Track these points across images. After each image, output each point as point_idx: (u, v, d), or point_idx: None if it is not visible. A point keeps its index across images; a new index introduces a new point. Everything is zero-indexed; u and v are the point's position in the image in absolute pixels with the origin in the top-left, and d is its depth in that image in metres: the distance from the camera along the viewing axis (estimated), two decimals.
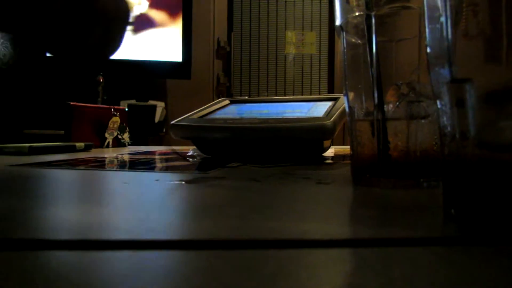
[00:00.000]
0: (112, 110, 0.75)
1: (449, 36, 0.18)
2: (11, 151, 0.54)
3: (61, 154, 0.55)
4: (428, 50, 0.20)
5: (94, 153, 0.59)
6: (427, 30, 0.20)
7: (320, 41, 2.43)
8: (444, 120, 0.19)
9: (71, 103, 0.69)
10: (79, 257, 0.13)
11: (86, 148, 0.62)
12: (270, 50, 2.42)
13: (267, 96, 2.29)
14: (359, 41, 0.31)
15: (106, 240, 0.14)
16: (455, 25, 0.18)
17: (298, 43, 2.43)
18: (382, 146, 0.28)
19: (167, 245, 0.14)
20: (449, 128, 0.18)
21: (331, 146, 0.72)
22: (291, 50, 2.43)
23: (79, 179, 0.31)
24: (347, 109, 0.32)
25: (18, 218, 0.17)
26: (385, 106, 0.29)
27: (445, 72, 0.19)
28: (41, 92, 1.99)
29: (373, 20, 0.29)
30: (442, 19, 0.19)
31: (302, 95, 2.33)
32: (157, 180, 0.29)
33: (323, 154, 0.57)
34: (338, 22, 0.31)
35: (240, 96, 2.23)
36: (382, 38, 0.29)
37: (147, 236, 0.14)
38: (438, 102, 0.19)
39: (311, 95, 2.27)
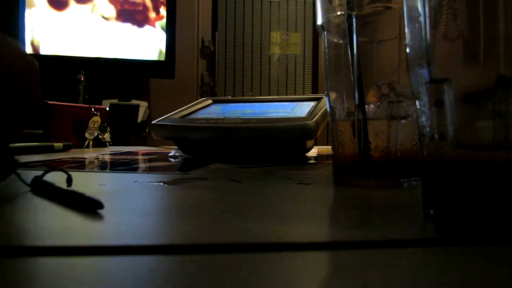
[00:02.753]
0: (92, 109, 0.74)
1: (428, 36, 0.18)
2: None
3: (39, 155, 0.53)
4: (408, 50, 0.20)
5: (73, 153, 0.58)
6: (406, 30, 0.20)
7: (304, 42, 2.44)
8: (423, 120, 0.19)
9: (49, 102, 0.68)
10: (39, 265, 0.12)
11: (65, 149, 0.60)
12: (254, 50, 2.42)
13: (251, 96, 2.29)
14: (340, 41, 0.31)
15: (73, 246, 0.13)
16: (434, 26, 0.18)
17: (283, 44, 2.43)
18: (363, 146, 0.28)
19: (138, 250, 0.13)
20: (427, 129, 0.18)
21: (315, 146, 0.72)
22: (275, 51, 2.43)
23: (52, 181, 0.30)
24: (328, 109, 0.32)
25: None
26: (366, 106, 0.29)
27: (424, 72, 0.18)
28: None
29: (354, 20, 0.29)
30: (421, 19, 0.18)
31: (286, 95, 2.33)
32: (135, 181, 0.29)
33: (306, 154, 0.57)
34: (319, 21, 0.31)
35: (225, 96, 2.22)
36: (364, 39, 0.29)
37: (118, 241, 0.14)
38: (417, 102, 0.19)
39: (295, 95, 2.27)
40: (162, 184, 0.28)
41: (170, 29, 1.98)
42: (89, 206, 0.18)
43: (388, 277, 0.11)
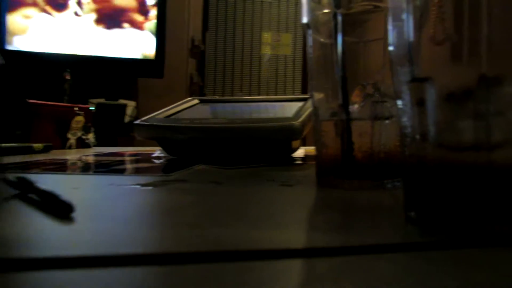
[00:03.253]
0: (76, 109, 0.72)
1: (411, 35, 0.18)
2: None
3: (17, 156, 0.52)
4: (391, 48, 0.20)
5: (53, 154, 0.57)
6: (390, 28, 0.20)
7: (295, 43, 2.44)
8: (405, 120, 0.18)
9: (30, 101, 0.66)
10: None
11: (45, 150, 0.59)
12: (245, 50, 2.41)
13: (241, 96, 2.28)
14: (326, 40, 0.30)
15: (28, 258, 0.12)
16: (419, 26, 0.18)
17: (274, 44, 2.43)
18: (346, 147, 0.27)
19: (98, 261, 0.12)
20: (409, 129, 0.18)
21: (301, 147, 0.72)
22: (266, 51, 2.43)
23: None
24: (312, 109, 0.31)
25: None
26: (350, 106, 0.28)
27: (406, 71, 0.18)
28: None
29: (340, 19, 0.28)
30: (405, 18, 0.18)
31: (276, 95, 2.33)
32: (111, 184, 0.28)
33: (292, 155, 0.56)
34: (304, 19, 0.30)
35: (213, 96, 2.21)
36: (350, 38, 0.29)
37: (79, 251, 0.13)
38: (399, 101, 0.19)
39: (285, 95, 2.27)
40: (139, 186, 0.27)
41: (160, 27, 1.96)
42: (59, 210, 0.17)
43: (364, 286, 0.11)
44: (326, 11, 0.29)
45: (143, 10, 1.95)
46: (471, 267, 0.12)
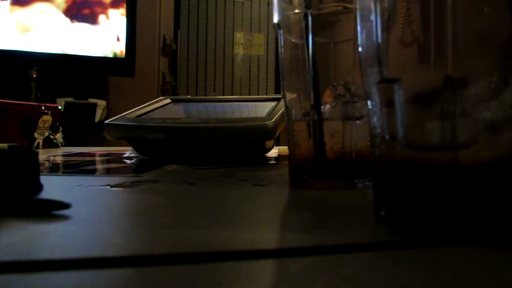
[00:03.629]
0: (43, 108, 0.70)
1: (379, 36, 0.18)
2: None
3: None
4: (360, 49, 0.20)
5: None
6: (359, 29, 0.20)
7: (267, 43, 2.45)
8: (374, 120, 0.19)
9: None
10: None
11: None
12: (218, 50, 2.40)
13: (214, 96, 2.27)
14: (297, 41, 0.30)
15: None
16: (387, 28, 0.18)
17: (247, 44, 2.43)
18: (318, 147, 0.27)
19: (67, 265, 0.12)
20: (378, 129, 0.18)
21: (275, 147, 0.72)
22: (239, 51, 2.43)
23: None
24: (285, 109, 0.31)
25: None
26: (322, 106, 0.28)
27: (375, 72, 0.18)
28: None
29: (311, 19, 0.28)
30: (373, 19, 0.18)
31: (249, 95, 2.33)
32: (79, 185, 0.27)
33: (266, 155, 0.57)
34: (275, 19, 0.30)
35: (186, 95, 2.18)
36: (321, 39, 0.29)
37: (46, 254, 0.12)
38: (368, 102, 0.19)
39: (258, 95, 2.28)
40: (108, 187, 0.26)
41: (130, 25, 1.92)
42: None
43: (334, 285, 0.11)
44: (296, 11, 0.29)
45: (113, 6, 1.91)
46: (438, 265, 0.12)
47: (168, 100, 0.63)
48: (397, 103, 0.17)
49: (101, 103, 1.79)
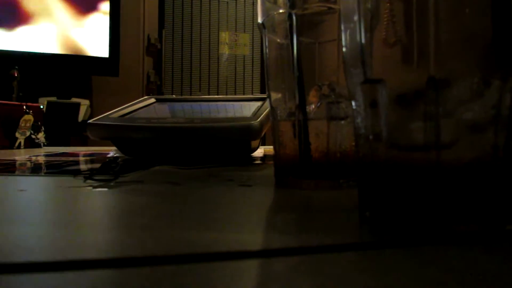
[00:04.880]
0: (24, 107, 0.69)
1: (363, 37, 0.18)
2: None
3: None
4: (344, 50, 0.20)
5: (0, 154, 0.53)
6: (342, 30, 0.20)
7: (253, 43, 2.45)
8: (359, 121, 0.19)
9: None
10: None
11: None
12: (203, 49, 2.39)
13: (199, 95, 2.26)
14: (282, 40, 0.30)
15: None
16: (370, 28, 0.18)
17: (232, 44, 2.42)
18: (304, 147, 0.27)
19: (49, 267, 0.11)
20: (363, 129, 0.18)
21: (261, 146, 0.72)
22: (224, 51, 2.42)
23: None
24: (270, 109, 0.31)
25: None
26: (307, 106, 0.28)
27: (359, 73, 0.18)
28: None
29: (296, 19, 0.29)
30: (356, 20, 0.18)
31: (235, 95, 2.32)
32: (60, 186, 0.26)
33: (251, 155, 0.56)
34: (260, 19, 0.30)
35: (171, 95, 2.17)
36: (305, 39, 0.29)
37: (28, 257, 0.12)
38: (353, 102, 0.19)
39: (244, 95, 2.27)
40: (92, 188, 0.26)
41: (114, 24, 1.90)
42: None
43: (320, 285, 0.11)
44: (281, 11, 0.29)
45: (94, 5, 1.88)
46: (421, 264, 0.12)
47: (153, 100, 0.63)
48: (381, 104, 0.17)
49: (85, 102, 1.77)
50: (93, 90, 2.05)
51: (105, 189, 0.25)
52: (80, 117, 1.71)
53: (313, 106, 0.29)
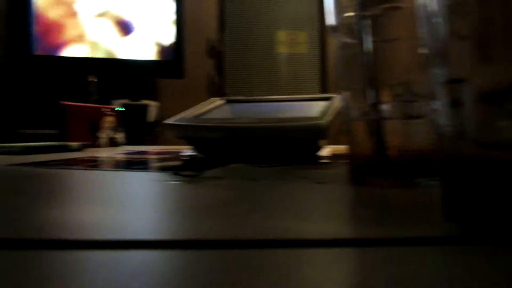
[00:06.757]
0: (106, 109, 0.75)
1: (443, 36, 0.18)
2: (5, 151, 0.54)
3: (55, 154, 0.54)
4: (424, 50, 0.20)
5: (87, 152, 0.59)
6: (422, 29, 0.20)
7: (312, 41, 2.43)
8: (441, 119, 0.19)
9: (65, 102, 0.69)
10: (80, 257, 0.13)
11: (80, 148, 0.61)
12: (261, 49, 2.41)
13: (262, 95, 2.29)
14: (352, 41, 0.31)
15: (116, 240, 0.14)
16: (450, 25, 0.18)
17: (290, 43, 2.43)
18: (379, 145, 0.28)
19: (169, 245, 0.14)
20: (446, 128, 0.19)
21: (326, 146, 0.72)
22: (283, 50, 2.43)
23: (79, 179, 0.31)
24: (343, 109, 0.32)
25: (25, 217, 0.17)
26: (380, 105, 0.29)
27: (441, 72, 0.19)
28: (33, 92, 1.98)
29: (366, 20, 0.29)
30: (437, 19, 0.19)
31: (294, 94, 2.33)
32: (154, 180, 0.29)
33: (318, 154, 0.57)
34: (331, 21, 0.31)
35: (233, 95, 2.22)
36: (377, 38, 0.30)
37: (152, 236, 0.14)
38: (435, 102, 0.20)
39: (303, 94, 2.27)
40: (181, 182, 0.28)
41: (178, 29, 1.99)
42: None
43: (414, 273, 0.12)
44: (352, 12, 0.30)
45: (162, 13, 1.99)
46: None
47: (222, 101, 0.66)
48: (465, 103, 0.17)
49: (154, 104, 1.87)
50: (160, 92, 2.17)
51: (192, 184, 0.28)
52: (150, 118, 1.81)
53: (386, 105, 0.29)
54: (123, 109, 0.80)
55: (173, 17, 1.99)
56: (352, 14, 0.30)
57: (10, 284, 0.10)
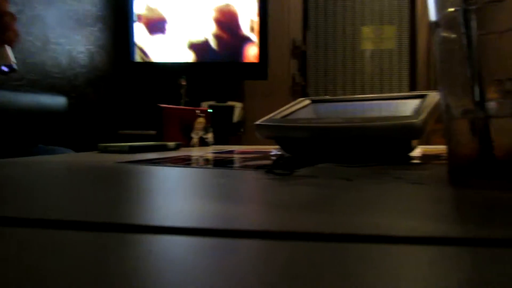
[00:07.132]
0: (198, 111, 0.80)
1: None
2: (114, 150, 0.60)
3: (155, 153, 0.59)
4: None
5: (183, 151, 0.64)
6: None
7: (399, 35, 2.33)
8: None
9: (162, 105, 0.75)
10: (200, 243, 0.14)
11: (176, 148, 0.66)
12: (345, 47, 2.37)
13: (345, 95, 2.25)
14: (455, 36, 0.29)
15: (234, 229, 0.15)
16: None
17: (376, 38, 2.35)
18: (485, 145, 0.26)
19: (280, 236, 0.15)
20: None
21: (418, 146, 0.69)
22: (368, 46, 2.36)
23: (187, 175, 0.34)
24: (443, 107, 0.31)
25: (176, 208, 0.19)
26: (486, 103, 0.27)
27: None
28: (130, 96, 2.17)
29: (470, 12, 0.28)
30: None
31: (381, 93, 2.24)
32: (251, 177, 0.31)
33: (410, 154, 0.55)
34: (433, 17, 0.30)
35: (316, 95, 2.21)
36: (482, 31, 0.28)
37: (264, 226, 0.16)
38: None
39: (391, 92, 2.18)
40: (276, 180, 0.29)
41: (262, 31, 2.03)
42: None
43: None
44: (455, 6, 0.29)
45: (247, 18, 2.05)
46: None
47: (308, 101, 0.66)
48: None
49: (238, 105, 1.94)
50: (245, 93, 2.24)
51: (288, 181, 0.29)
52: (235, 118, 1.88)
53: (493, 103, 0.27)
54: (211, 110, 0.84)
55: (257, 18, 2.03)
56: (456, 8, 0.29)
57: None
